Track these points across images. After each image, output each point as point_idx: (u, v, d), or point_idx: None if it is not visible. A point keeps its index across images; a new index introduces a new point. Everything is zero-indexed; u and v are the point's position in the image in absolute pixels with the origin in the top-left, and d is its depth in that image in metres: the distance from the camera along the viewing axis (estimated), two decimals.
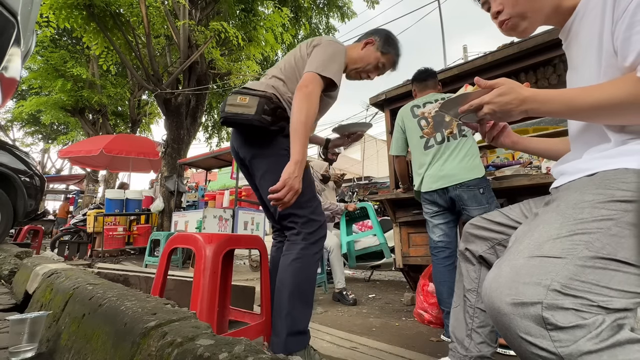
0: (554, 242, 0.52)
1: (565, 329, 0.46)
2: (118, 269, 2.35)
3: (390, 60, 1.44)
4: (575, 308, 0.47)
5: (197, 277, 1.10)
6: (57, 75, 8.65)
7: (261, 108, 1.19)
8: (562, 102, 0.64)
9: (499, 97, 0.69)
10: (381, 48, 1.41)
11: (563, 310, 0.46)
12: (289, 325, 1.15)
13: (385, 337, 1.83)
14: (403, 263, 2.66)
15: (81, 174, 13.95)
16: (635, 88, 0.56)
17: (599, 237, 0.51)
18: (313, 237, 1.22)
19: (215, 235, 1.18)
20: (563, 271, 0.49)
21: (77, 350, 0.88)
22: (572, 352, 0.45)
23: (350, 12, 8.83)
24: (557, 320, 0.46)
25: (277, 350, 1.12)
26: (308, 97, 1.14)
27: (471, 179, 1.76)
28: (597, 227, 0.52)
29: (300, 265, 1.18)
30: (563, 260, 0.50)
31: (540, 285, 0.48)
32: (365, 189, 8.67)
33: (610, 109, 0.59)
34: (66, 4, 5.22)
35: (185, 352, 0.57)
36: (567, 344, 0.45)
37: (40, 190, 3.38)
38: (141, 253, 5.91)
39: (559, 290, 0.48)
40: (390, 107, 2.98)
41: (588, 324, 0.46)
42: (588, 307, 0.47)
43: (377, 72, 1.46)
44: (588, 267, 0.49)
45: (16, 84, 1.68)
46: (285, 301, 1.16)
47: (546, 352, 0.46)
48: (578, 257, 0.50)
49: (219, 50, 6.55)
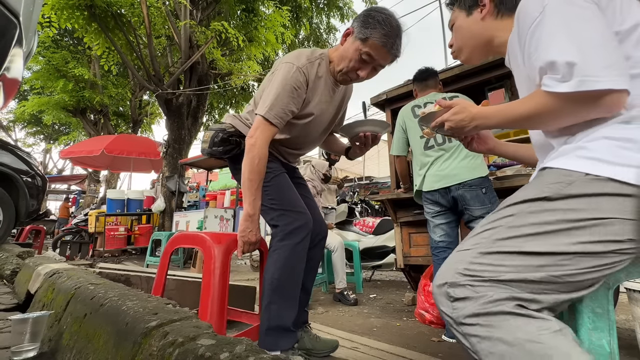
0: (471, 239, 0.68)
1: (460, 299, 0.61)
2: (119, 269, 2.35)
3: (376, 46, 1.11)
4: (470, 284, 0.61)
5: (206, 278, 1.11)
6: (59, 75, 8.68)
7: (212, 141, 1.29)
8: (500, 116, 0.76)
9: (454, 116, 0.82)
10: (359, 34, 1.12)
11: (460, 286, 0.61)
12: (268, 318, 1.16)
13: (387, 337, 1.83)
14: (404, 263, 2.66)
15: (83, 174, 13.99)
16: (543, 99, 0.67)
17: (500, 230, 0.65)
18: (289, 227, 1.22)
19: (223, 235, 1.20)
20: (467, 258, 0.64)
21: (78, 349, 0.89)
22: (459, 315, 0.60)
23: (350, 12, 8.83)
24: (455, 294, 0.61)
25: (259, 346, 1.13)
26: (251, 150, 1.16)
27: (473, 178, 1.76)
28: (500, 223, 0.66)
29: (277, 256, 1.20)
30: (470, 251, 0.65)
31: (451, 270, 0.64)
32: (366, 188, 8.66)
33: (533, 117, 0.70)
34: (68, 4, 5.23)
35: (186, 351, 0.57)
36: (459, 310, 0.60)
37: (42, 190, 3.39)
38: (142, 253, 5.91)
39: (461, 272, 0.62)
40: (391, 107, 2.98)
41: (477, 296, 0.59)
42: (480, 282, 0.60)
43: (370, 67, 1.18)
44: (486, 254, 0.63)
45: (18, 85, 1.69)
46: (265, 292, 1.19)
47: (448, 317, 0.62)
48: (482, 246, 0.64)
49: (220, 50, 6.56)
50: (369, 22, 1.11)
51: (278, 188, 1.28)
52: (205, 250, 1.15)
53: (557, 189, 0.64)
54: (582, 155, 0.66)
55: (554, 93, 0.64)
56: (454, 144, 1.87)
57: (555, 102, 0.65)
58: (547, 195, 0.64)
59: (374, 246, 3.57)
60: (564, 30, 0.65)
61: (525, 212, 0.65)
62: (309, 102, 1.26)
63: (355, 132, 1.28)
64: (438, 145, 1.90)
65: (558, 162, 0.68)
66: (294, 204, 1.27)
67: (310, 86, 1.23)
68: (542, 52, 0.67)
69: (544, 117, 0.69)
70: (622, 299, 2.34)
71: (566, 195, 0.63)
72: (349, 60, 1.17)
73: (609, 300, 0.64)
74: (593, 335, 0.63)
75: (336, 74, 1.25)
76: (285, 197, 1.27)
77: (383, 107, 3.06)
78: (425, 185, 1.90)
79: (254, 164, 1.15)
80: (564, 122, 0.70)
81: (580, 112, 0.66)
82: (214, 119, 10.68)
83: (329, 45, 9.14)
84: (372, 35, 1.11)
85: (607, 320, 0.63)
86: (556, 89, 0.63)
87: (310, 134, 1.36)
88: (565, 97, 0.63)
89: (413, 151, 2.03)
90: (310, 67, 1.21)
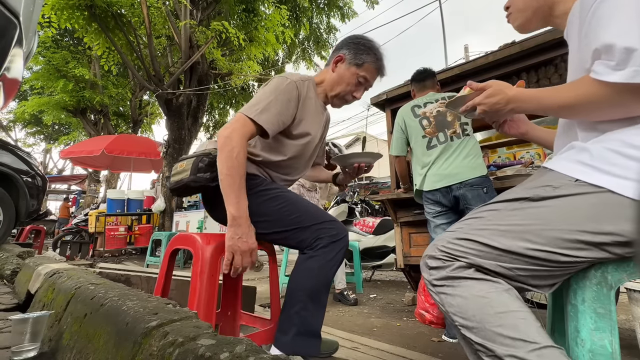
0: (459, 222, 0.78)
1: (434, 268, 0.73)
2: (119, 269, 2.35)
3: (371, 69, 1.23)
4: (442, 258, 0.72)
5: (194, 280, 1.04)
6: (59, 75, 8.68)
7: (195, 167, 1.11)
8: (538, 102, 0.72)
9: (488, 99, 0.78)
10: (355, 60, 1.22)
11: (435, 259, 0.74)
12: (299, 323, 1.03)
13: (387, 337, 1.83)
14: (404, 263, 2.66)
15: (83, 174, 14.00)
16: (590, 87, 0.61)
17: (481, 221, 0.73)
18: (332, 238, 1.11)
19: (214, 236, 1.11)
20: (447, 238, 0.74)
21: (79, 349, 0.89)
22: (433, 279, 0.73)
23: (351, 12, 8.82)
24: (430, 264, 0.74)
25: (285, 351, 1.03)
26: (227, 143, 1.01)
27: (475, 177, 1.76)
28: (482, 215, 0.74)
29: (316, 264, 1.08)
30: (452, 233, 0.75)
31: (432, 246, 0.76)
32: (366, 188, 8.66)
33: (573, 107, 0.66)
34: (68, 4, 5.23)
35: (186, 351, 0.57)
36: (433, 275, 0.73)
37: (42, 190, 3.39)
38: (142, 253, 5.92)
39: (439, 248, 0.74)
40: (391, 106, 2.97)
41: (445, 266, 0.71)
42: (451, 258, 0.71)
43: (363, 88, 1.27)
44: (462, 239, 0.72)
45: (18, 85, 1.69)
46: (295, 298, 1.06)
47: (426, 281, 0.75)
48: (461, 231, 0.73)
49: (220, 50, 6.56)
50: (362, 49, 1.22)
51: (294, 203, 1.15)
52: (195, 251, 1.08)
53: (541, 192, 0.67)
54: (579, 160, 0.65)
55: (604, 82, 0.58)
56: (456, 143, 1.87)
57: (603, 92, 0.59)
58: (529, 197, 0.69)
59: (374, 246, 3.57)
60: (629, 10, 0.57)
61: (507, 209, 0.71)
62: (302, 120, 1.19)
63: (351, 162, 1.35)
64: (440, 144, 1.89)
65: (558, 164, 0.69)
66: (323, 214, 1.16)
67: (302, 103, 1.18)
68: (601, 31, 0.59)
69: (588, 108, 0.64)
70: (622, 299, 2.34)
71: (546, 197, 0.66)
72: (346, 85, 1.24)
73: (611, 300, 0.64)
74: (595, 336, 0.63)
75: (331, 99, 1.28)
76: (310, 210, 1.16)
77: (383, 107, 3.06)
78: (427, 184, 1.90)
79: (232, 157, 1.00)
80: (610, 115, 0.64)
81: (630, 106, 0.60)
82: (214, 119, 10.68)
83: (329, 45, 9.13)
84: (367, 60, 1.22)
85: (609, 321, 0.63)
86: (606, 78, 0.57)
87: (304, 156, 1.27)
88: (615, 87, 0.57)
89: (413, 151, 2.03)
90: (302, 85, 1.19)
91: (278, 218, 1.12)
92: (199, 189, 1.15)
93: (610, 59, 0.57)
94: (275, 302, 1.28)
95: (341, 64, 1.24)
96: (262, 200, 1.13)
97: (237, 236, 1.01)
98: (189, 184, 1.12)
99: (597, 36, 0.60)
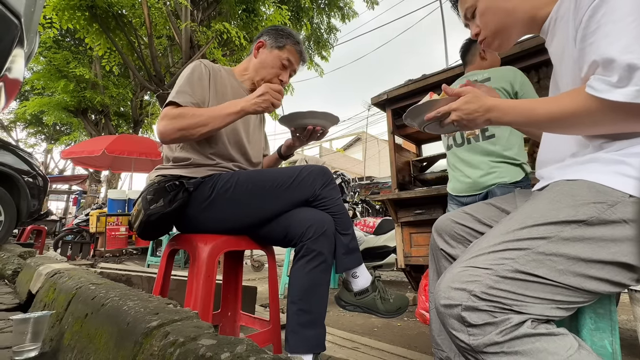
0: (487, 255, 0.59)
1: (477, 325, 0.55)
2: (120, 269, 2.36)
3: (293, 51, 1.27)
4: (489, 310, 0.55)
5: (190, 281, 1.03)
6: (60, 76, 8.70)
7: (145, 202, 1.06)
8: (520, 113, 0.65)
9: (466, 105, 0.70)
10: (276, 44, 1.26)
11: (478, 311, 0.55)
12: (304, 320, 0.98)
13: (387, 337, 1.83)
14: (405, 263, 2.65)
15: (84, 174, 14.01)
16: (584, 102, 0.57)
17: (527, 253, 0.57)
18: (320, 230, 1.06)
19: (211, 236, 1.09)
20: (486, 280, 0.57)
21: (80, 349, 0.89)
22: (480, 343, 0.54)
23: (351, 12, 8.83)
24: (472, 320, 0.55)
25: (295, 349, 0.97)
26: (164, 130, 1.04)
27: (502, 183, 1.56)
28: (528, 245, 0.58)
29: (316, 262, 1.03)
30: (488, 271, 0.57)
31: (465, 291, 0.57)
32: (367, 188, 8.67)
33: (563, 121, 0.60)
34: (69, 5, 5.25)
35: (187, 351, 0.57)
36: (479, 337, 0.55)
37: (43, 190, 3.40)
38: (143, 253, 5.93)
39: (478, 295, 0.56)
40: (392, 106, 2.97)
41: (497, 322, 0.54)
42: (500, 309, 0.55)
43: (288, 71, 1.29)
44: (508, 279, 0.56)
45: (19, 85, 1.69)
46: (301, 295, 1.01)
47: (464, 344, 0.56)
48: (502, 269, 0.57)
49: (220, 50, 6.56)
50: (281, 33, 1.27)
51: (260, 190, 1.09)
52: (191, 251, 1.07)
53: (596, 212, 0.56)
54: (622, 172, 0.57)
55: (601, 99, 0.54)
56: (472, 145, 1.66)
57: (600, 109, 0.55)
58: (584, 219, 0.57)
59: (374, 246, 3.57)
60: (630, 21, 0.52)
61: (559, 237, 0.57)
62: (223, 92, 1.21)
63: (303, 123, 1.17)
64: (456, 147, 1.73)
65: (593, 175, 0.59)
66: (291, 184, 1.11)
67: (213, 77, 1.20)
68: (602, 41, 0.55)
69: (579, 123, 0.59)
70: (623, 299, 2.34)
71: (607, 221, 0.56)
72: (270, 67, 1.26)
73: (611, 301, 0.64)
74: (595, 336, 0.63)
75: (257, 84, 1.26)
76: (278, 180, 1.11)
77: (384, 107, 3.06)
78: (453, 188, 1.74)
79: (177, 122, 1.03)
80: (604, 131, 0.60)
81: (630, 125, 0.56)
82: None
83: (330, 45, 9.12)
84: (287, 43, 1.26)
85: (609, 321, 0.63)
86: (607, 96, 0.53)
87: (237, 131, 1.23)
88: (615, 105, 0.53)
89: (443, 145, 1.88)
90: (209, 64, 1.23)
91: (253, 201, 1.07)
92: (161, 220, 1.07)
93: (609, 75, 0.54)
94: (274, 302, 1.28)
95: (263, 49, 1.28)
96: (227, 197, 1.07)
97: (257, 99, 1.05)
98: (148, 220, 1.05)
99: (598, 46, 0.56)
